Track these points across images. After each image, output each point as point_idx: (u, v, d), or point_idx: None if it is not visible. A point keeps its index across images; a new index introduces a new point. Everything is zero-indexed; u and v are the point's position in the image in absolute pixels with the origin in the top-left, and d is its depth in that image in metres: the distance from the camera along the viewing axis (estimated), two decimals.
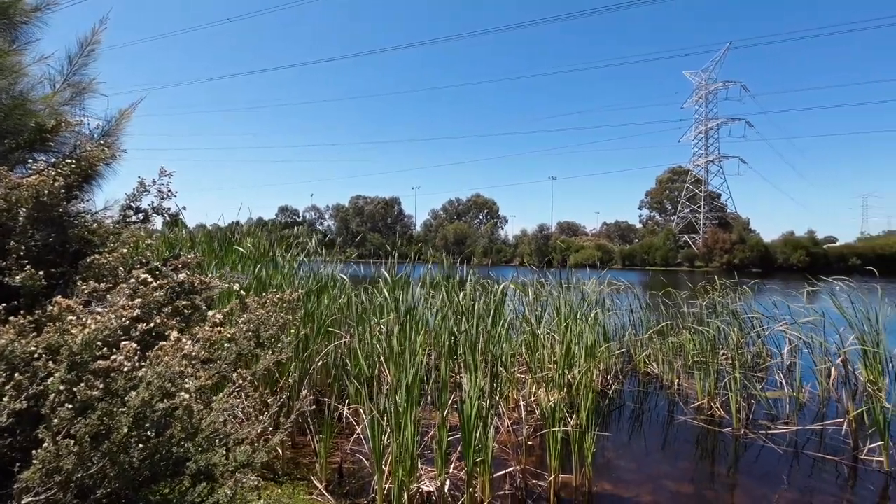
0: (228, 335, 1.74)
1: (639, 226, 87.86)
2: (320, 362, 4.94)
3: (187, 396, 1.31)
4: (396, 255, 7.04)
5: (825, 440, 4.88)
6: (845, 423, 4.81)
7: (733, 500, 3.83)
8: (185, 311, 2.28)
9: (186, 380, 1.37)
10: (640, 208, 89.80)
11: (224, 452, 1.58)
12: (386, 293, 5.83)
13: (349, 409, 4.50)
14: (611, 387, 6.38)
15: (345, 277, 6.24)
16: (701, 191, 70.40)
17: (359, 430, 3.97)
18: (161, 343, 1.44)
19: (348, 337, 5.12)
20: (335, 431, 4.50)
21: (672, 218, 76.77)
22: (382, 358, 4.44)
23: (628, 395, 6.48)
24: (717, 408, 5.61)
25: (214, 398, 1.52)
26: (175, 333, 1.48)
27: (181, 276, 1.93)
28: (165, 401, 1.32)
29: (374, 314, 5.59)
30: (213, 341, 1.62)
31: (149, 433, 1.48)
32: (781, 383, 5.87)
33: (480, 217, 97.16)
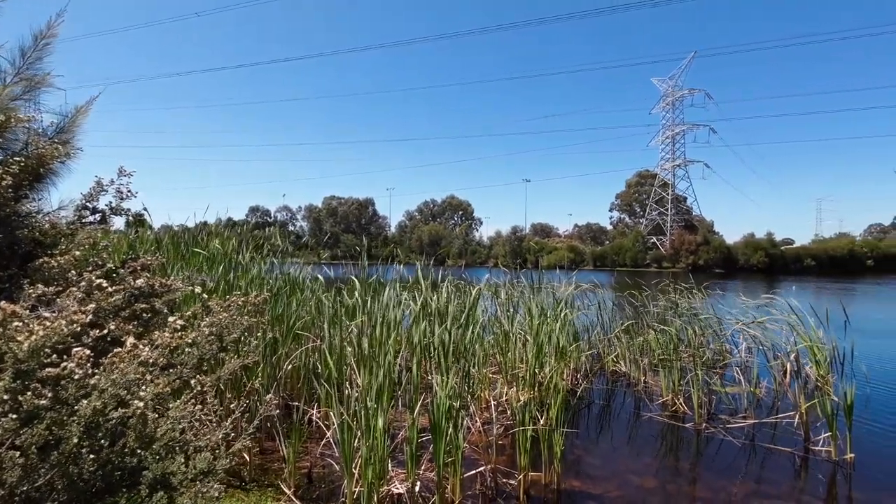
0: (189, 339, 1.69)
1: (609, 228, 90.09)
2: (290, 366, 4.85)
3: (141, 404, 1.26)
4: (367, 256, 6.98)
5: (780, 433, 5.13)
6: (797, 416, 5.07)
7: (694, 492, 3.98)
8: (144, 314, 2.20)
9: (142, 387, 1.32)
10: (610, 211, 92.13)
11: (183, 460, 1.54)
12: (357, 295, 5.78)
13: (319, 412, 4.44)
14: (580, 385, 6.52)
15: (319, 277, 6.16)
16: (668, 194, 72.76)
17: (329, 433, 3.93)
18: (116, 350, 1.39)
19: (318, 340, 5.04)
20: (305, 436, 4.44)
21: (641, 220, 79.01)
22: (353, 360, 4.40)
23: (597, 393, 6.63)
24: (681, 404, 5.82)
25: (171, 405, 1.48)
26: (131, 339, 1.43)
27: (139, 281, 1.86)
28: (119, 409, 1.27)
29: (346, 316, 5.53)
30: (173, 346, 1.57)
31: (102, 443, 1.43)
32: (740, 379, 6.15)
33: (455, 219, 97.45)
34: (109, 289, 1.61)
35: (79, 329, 1.35)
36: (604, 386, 6.96)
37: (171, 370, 1.89)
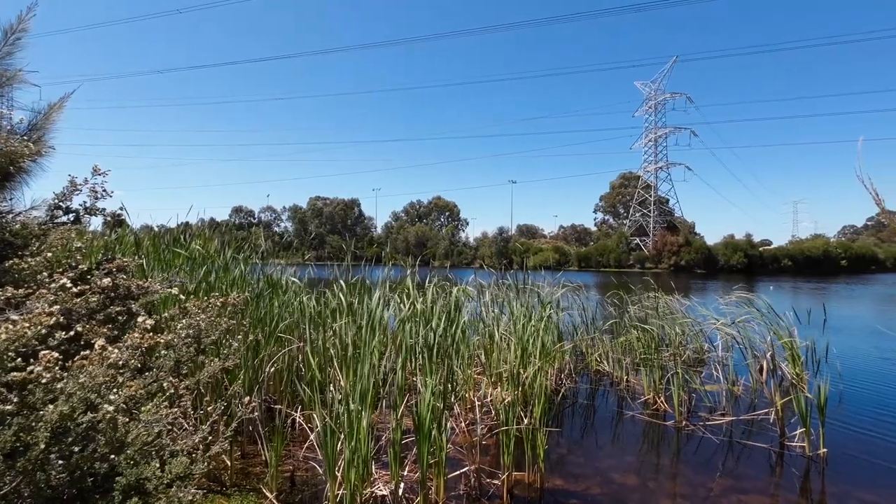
0: (164, 341, 1.66)
1: (594, 229, 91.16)
2: (272, 368, 4.79)
3: (111, 408, 1.23)
4: (351, 257, 6.94)
5: (757, 429, 5.25)
6: (773, 413, 5.20)
7: (674, 489, 4.04)
8: (120, 317, 2.15)
9: (113, 390, 1.29)
10: (595, 212, 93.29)
11: (159, 465, 1.51)
12: (341, 296, 5.74)
13: (302, 415, 4.40)
14: (564, 385, 6.58)
15: (296, 281, 6.09)
16: (651, 196, 73.94)
17: (312, 436, 3.89)
18: (85, 352, 1.35)
19: (301, 342, 4.99)
20: (288, 439, 4.38)
21: (625, 221, 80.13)
22: (336, 362, 4.37)
23: (581, 392, 6.70)
24: (662, 402, 5.92)
25: (144, 409, 1.44)
26: (101, 341, 1.40)
27: (107, 281, 1.81)
28: (89, 413, 1.24)
29: (330, 317, 5.49)
30: (146, 348, 1.54)
31: (73, 448, 1.39)
32: (719, 377, 6.28)
33: (442, 219, 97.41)
34: (74, 289, 1.57)
35: (45, 332, 1.31)
36: (587, 385, 7.03)
37: (147, 373, 1.85)
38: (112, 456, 1.32)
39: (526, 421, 4.16)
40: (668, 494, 3.91)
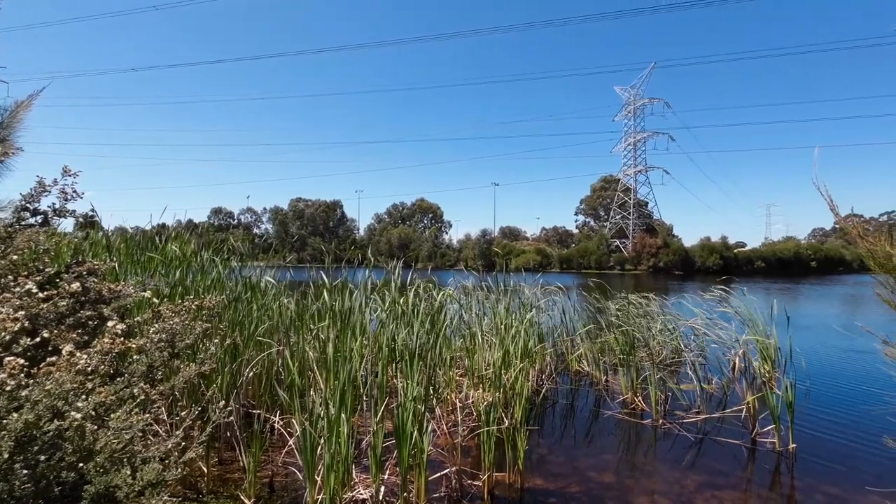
0: (136, 346, 1.63)
1: (575, 231, 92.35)
2: (251, 373, 4.72)
3: (79, 416, 1.21)
4: (333, 259, 6.88)
5: (729, 426, 5.40)
6: (745, 410, 5.36)
7: (651, 486, 4.13)
8: (90, 322, 2.10)
9: (81, 397, 1.26)
10: (576, 214, 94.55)
11: (130, 472, 1.48)
12: (326, 297, 5.68)
13: (281, 419, 4.34)
14: (545, 385, 6.65)
15: (273, 282, 6.01)
16: (630, 199, 75.35)
17: (291, 441, 3.84)
18: (52, 358, 1.32)
19: (281, 346, 4.93)
20: (267, 444, 4.32)
21: (605, 224, 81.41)
22: (316, 365, 4.33)
23: (561, 392, 6.78)
24: (640, 401, 6.04)
25: (113, 415, 1.41)
26: (69, 347, 1.36)
27: (74, 286, 1.77)
28: (55, 421, 1.21)
29: (311, 320, 5.43)
30: (116, 353, 1.51)
31: (39, 457, 1.35)
32: (693, 376, 6.43)
33: (425, 221, 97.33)
34: (40, 294, 1.53)
35: (9, 338, 1.28)
36: (567, 385, 7.12)
37: (118, 379, 1.81)
38: (80, 464, 1.29)
39: (507, 422, 4.20)
40: (644, 491, 3.99)
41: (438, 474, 3.88)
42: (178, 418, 3.45)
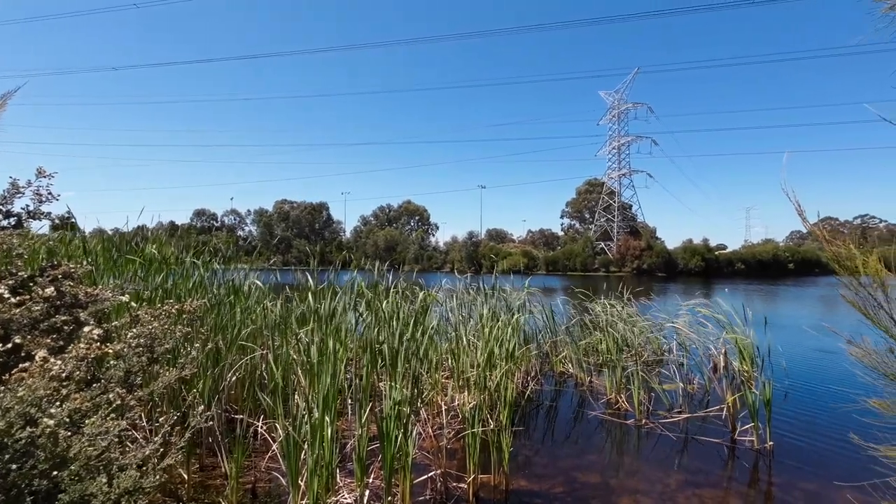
0: (114, 351, 1.59)
1: (561, 234, 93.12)
2: (234, 377, 4.65)
3: (52, 422, 1.18)
4: (320, 261, 6.83)
5: (710, 425, 5.51)
6: (724, 410, 5.47)
7: (634, 485, 4.18)
8: (66, 327, 2.05)
9: (55, 403, 1.23)
10: (562, 217, 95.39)
11: (105, 480, 1.45)
12: (310, 299, 5.64)
13: (265, 424, 4.29)
14: (530, 387, 6.69)
15: (259, 284, 5.94)
16: (615, 202, 76.35)
17: (275, 446, 3.80)
18: (25, 364, 1.29)
19: (264, 350, 4.87)
20: (249, 450, 4.26)
21: (590, 226, 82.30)
22: (299, 369, 4.29)
23: (546, 394, 6.83)
24: (623, 401, 6.11)
25: (87, 422, 1.38)
26: (42, 353, 1.33)
27: (50, 290, 1.73)
28: (28, 428, 1.18)
29: (295, 324, 5.38)
30: (93, 359, 1.48)
31: (10, 466, 1.32)
32: (675, 377, 6.55)
33: (412, 224, 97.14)
34: (13, 299, 1.49)
35: None
36: (552, 387, 7.17)
37: (95, 385, 1.77)
38: (54, 472, 1.26)
39: (492, 423, 4.21)
40: (628, 491, 4.04)
41: (423, 477, 3.87)
42: (157, 424, 3.38)
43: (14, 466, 1.31)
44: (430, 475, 3.92)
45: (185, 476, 3.78)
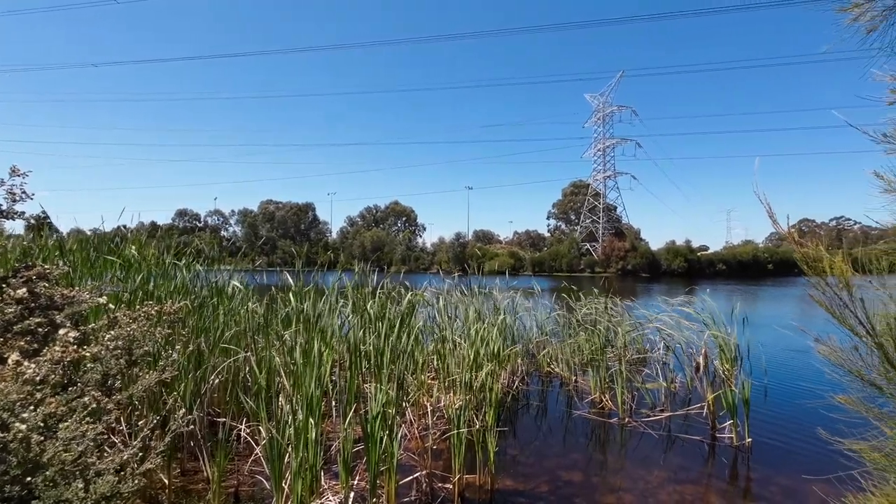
0: (91, 354, 1.56)
1: (547, 235, 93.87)
2: (216, 380, 4.59)
3: (24, 427, 1.15)
4: (306, 262, 6.77)
5: (691, 423, 5.61)
6: (705, 408, 5.58)
7: (617, 483, 4.24)
8: (40, 329, 2.00)
9: (28, 408, 1.21)
10: (548, 218, 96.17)
11: (82, 486, 1.42)
12: (292, 300, 5.58)
13: (248, 427, 4.23)
14: (517, 387, 6.73)
15: (240, 286, 5.87)
16: (600, 203, 77.27)
17: (258, 449, 3.76)
18: None
19: (248, 352, 4.81)
20: (233, 453, 4.20)
21: (576, 228, 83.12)
22: (283, 371, 4.25)
23: (532, 393, 6.88)
24: (607, 400, 6.19)
25: (62, 426, 1.35)
26: (15, 356, 1.30)
27: (20, 291, 1.69)
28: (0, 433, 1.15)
29: (279, 325, 5.33)
30: (69, 362, 1.45)
31: None
32: (658, 376, 6.65)
33: (398, 225, 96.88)
34: None
35: None
36: (538, 386, 7.23)
37: (71, 388, 1.74)
38: (27, 478, 1.23)
39: (478, 424, 4.23)
40: (611, 489, 4.10)
41: (409, 478, 3.87)
42: (136, 428, 3.32)
43: None
44: (415, 476, 3.92)
45: (166, 481, 3.72)
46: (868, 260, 1.35)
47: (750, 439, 4.89)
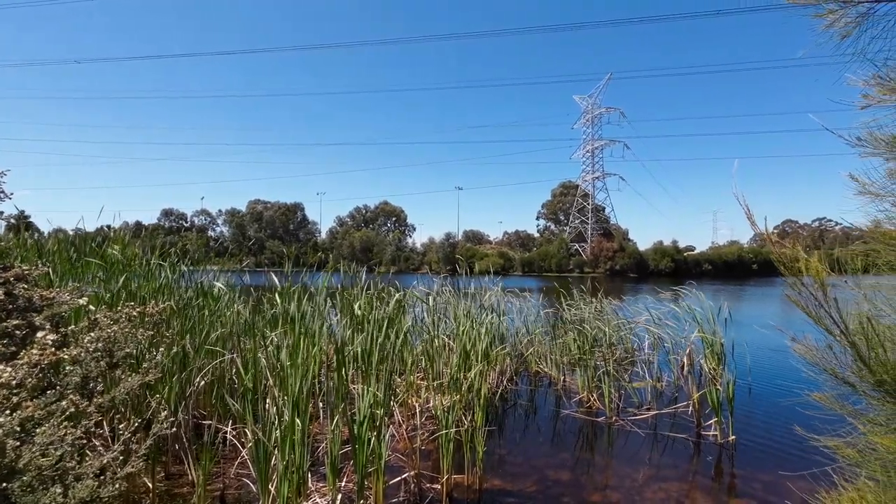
0: (70, 357, 1.54)
1: (537, 235, 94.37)
2: (202, 382, 4.53)
3: (0, 432, 1.13)
4: (294, 262, 6.71)
5: (677, 421, 5.69)
6: (691, 406, 5.66)
7: (604, 481, 4.28)
8: (18, 332, 1.96)
9: (6, 412, 1.18)
10: (537, 219, 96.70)
11: (60, 490, 1.39)
12: (278, 300, 5.53)
13: (234, 429, 4.19)
14: (505, 387, 6.76)
15: (223, 287, 5.80)
16: (589, 204, 77.92)
17: (244, 451, 3.72)
18: None
19: (234, 354, 4.76)
20: (218, 456, 4.16)
21: (565, 228, 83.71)
22: (269, 373, 4.22)
23: (521, 393, 6.91)
24: (595, 399, 6.25)
25: (39, 430, 1.33)
26: None
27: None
28: None
29: (266, 326, 5.27)
30: (48, 365, 1.42)
31: None
32: (645, 374, 6.73)
33: (388, 225, 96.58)
34: None
35: None
36: (527, 386, 7.27)
37: (49, 392, 1.70)
38: (2, 484, 1.20)
39: (466, 424, 4.24)
40: (598, 487, 4.14)
41: (397, 479, 3.87)
42: (120, 431, 3.26)
43: None
44: (403, 477, 3.91)
45: (150, 484, 3.66)
46: (846, 260, 1.39)
47: (734, 437, 4.97)
